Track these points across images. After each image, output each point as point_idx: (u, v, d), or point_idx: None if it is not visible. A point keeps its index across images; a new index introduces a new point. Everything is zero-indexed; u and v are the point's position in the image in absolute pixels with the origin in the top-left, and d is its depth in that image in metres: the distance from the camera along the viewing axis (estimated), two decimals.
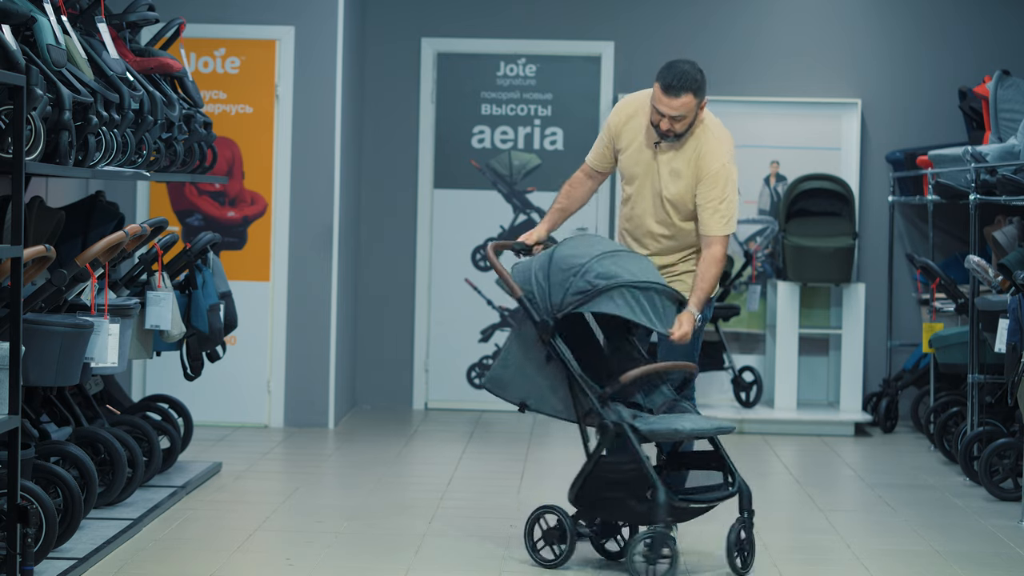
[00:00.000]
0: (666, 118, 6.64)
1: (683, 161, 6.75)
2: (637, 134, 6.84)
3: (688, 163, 6.74)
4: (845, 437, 10.47)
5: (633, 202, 6.88)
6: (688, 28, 11.31)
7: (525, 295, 6.43)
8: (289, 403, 10.28)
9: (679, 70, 6.64)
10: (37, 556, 5.91)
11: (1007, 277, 8.14)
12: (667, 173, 6.76)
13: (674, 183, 6.76)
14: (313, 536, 7.06)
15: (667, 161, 6.77)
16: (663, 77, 6.64)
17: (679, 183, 6.75)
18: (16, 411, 5.60)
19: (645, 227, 6.86)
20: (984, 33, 11.25)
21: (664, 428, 6.28)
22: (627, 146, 6.86)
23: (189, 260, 7.83)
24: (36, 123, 6.00)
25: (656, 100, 6.65)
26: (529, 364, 6.48)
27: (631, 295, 6.31)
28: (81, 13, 7.20)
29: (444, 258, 11.42)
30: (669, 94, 6.60)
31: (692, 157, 6.74)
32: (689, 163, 6.74)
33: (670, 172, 6.76)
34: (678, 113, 6.62)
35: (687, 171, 6.74)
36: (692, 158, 6.74)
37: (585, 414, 6.39)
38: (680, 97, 6.60)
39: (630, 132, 6.86)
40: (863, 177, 11.28)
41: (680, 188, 6.75)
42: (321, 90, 10.26)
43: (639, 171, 6.83)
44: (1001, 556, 7.00)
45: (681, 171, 6.75)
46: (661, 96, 6.62)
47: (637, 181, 6.85)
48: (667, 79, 6.63)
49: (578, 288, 6.32)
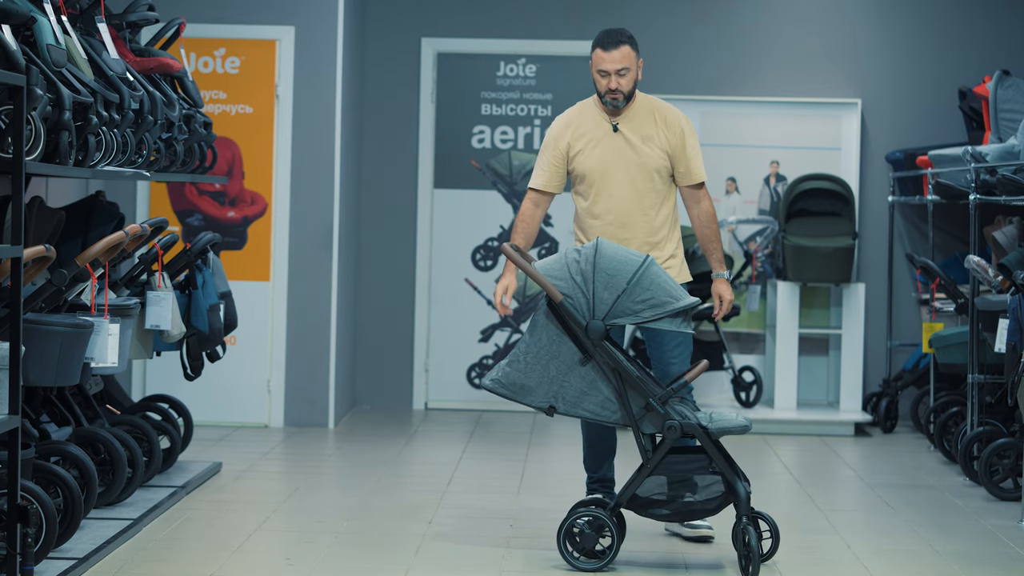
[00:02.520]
0: (612, 76, 7.03)
1: (648, 125, 7.13)
2: (585, 132, 7.18)
3: (654, 126, 7.12)
4: (845, 437, 10.47)
5: (608, 193, 7.11)
6: (688, 28, 11.31)
7: (565, 299, 6.43)
8: (289, 403, 10.29)
9: (612, 29, 7.16)
10: (37, 556, 5.91)
11: (1007, 277, 8.14)
12: (639, 141, 7.10)
13: (647, 147, 7.11)
14: (313, 536, 7.06)
15: (632, 132, 7.12)
16: (599, 39, 7.11)
17: (652, 146, 7.12)
18: (16, 411, 5.60)
19: (627, 212, 7.10)
20: (984, 33, 11.25)
21: (729, 424, 6.39)
22: (582, 146, 7.16)
23: (189, 260, 7.83)
24: (36, 123, 6.00)
25: (598, 63, 7.07)
26: (554, 366, 6.45)
27: None
28: (81, 13, 7.20)
29: (444, 258, 11.42)
30: (608, 48, 7.06)
31: (654, 119, 7.13)
32: (654, 124, 7.12)
33: (641, 139, 7.11)
34: (621, 65, 7.03)
35: (655, 132, 7.11)
36: (655, 119, 7.13)
37: (638, 416, 6.42)
38: (619, 48, 7.05)
39: (580, 134, 7.19)
40: (863, 177, 11.28)
41: (654, 150, 7.11)
42: (321, 90, 10.26)
43: (607, 157, 7.11)
44: (1001, 556, 7.00)
45: (650, 134, 7.12)
46: (603, 55, 7.06)
47: (608, 170, 7.11)
48: (603, 38, 7.10)
49: (644, 298, 6.37)
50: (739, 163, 11.24)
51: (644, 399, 6.39)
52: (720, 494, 6.40)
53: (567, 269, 6.44)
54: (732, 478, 6.37)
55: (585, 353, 6.42)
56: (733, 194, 11.23)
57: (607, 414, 6.44)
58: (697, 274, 9.28)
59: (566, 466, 8.96)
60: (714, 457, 6.38)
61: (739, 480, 6.39)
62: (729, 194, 11.23)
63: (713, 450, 6.38)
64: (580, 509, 6.49)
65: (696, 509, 6.44)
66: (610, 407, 6.43)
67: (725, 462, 6.41)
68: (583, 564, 6.45)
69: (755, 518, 6.44)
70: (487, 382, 6.52)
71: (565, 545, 6.47)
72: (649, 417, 6.41)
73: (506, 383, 6.48)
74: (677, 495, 6.44)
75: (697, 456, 6.43)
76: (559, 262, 6.47)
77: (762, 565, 6.59)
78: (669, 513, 6.46)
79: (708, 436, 6.37)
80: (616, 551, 6.45)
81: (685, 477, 6.44)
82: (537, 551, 6.82)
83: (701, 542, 7.04)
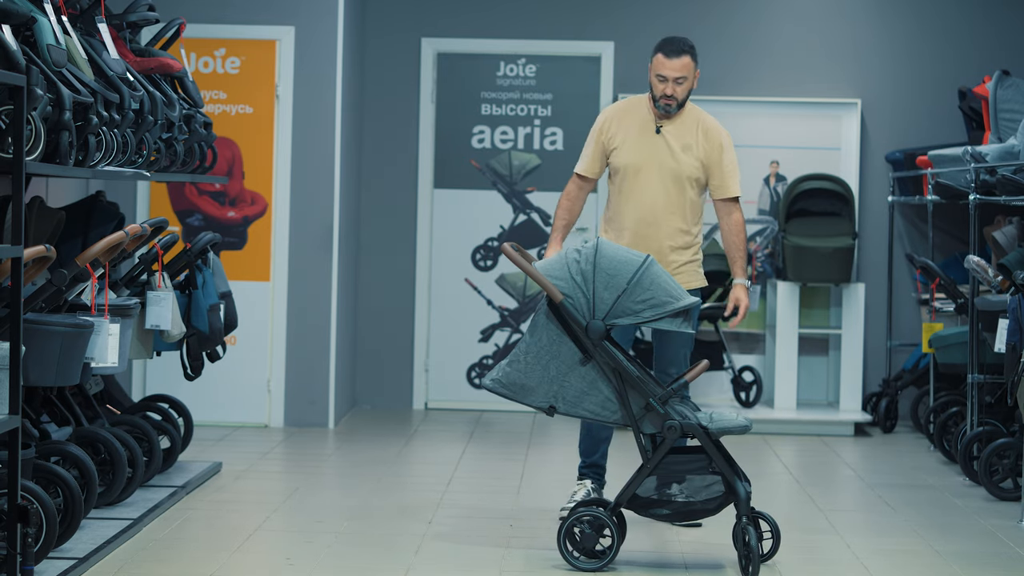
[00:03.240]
0: (669, 82, 7.27)
1: (690, 135, 7.35)
2: (631, 127, 7.40)
3: (695, 135, 7.35)
4: (845, 437, 10.47)
5: (640, 190, 7.31)
6: (688, 28, 11.29)
7: (565, 299, 6.43)
8: (289, 403, 10.29)
9: (676, 37, 7.39)
10: (37, 556, 5.91)
11: (1007, 277, 8.15)
12: (679, 148, 7.34)
13: (686, 155, 7.35)
14: (313, 536, 7.06)
15: (675, 138, 7.33)
16: (662, 45, 7.33)
17: (690, 155, 7.35)
18: (16, 411, 5.60)
19: (654, 212, 7.29)
20: (984, 33, 11.25)
21: (729, 424, 6.40)
22: (623, 141, 7.35)
23: (189, 260, 7.83)
24: (36, 123, 6.00)
25: (658, 67, 7.29)
26: (555, 366, 6.46)
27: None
28: (81, 13, 7.20)
29: (444, 258, 11.42)
30: (671, 56, 7.27)
31: (697, 130, 7.35)
32: (696, 135, 7.35)
33: (682, 147, 7.34)
34: (680, 74, 7.27)
35: (696, 143, 7.34)
36: (697, 130, 7.35)
37: (638, 416, 6.42)
38: (681, 58, 7.28)
39: (623, 128, 7.37)
40: (863, 177, 11.28)
41: (691, 159, 7.34)
42: (321, 90, 10.26)
43: (644, 156, 7.32)
44: (1001, 556, 7.00)
45: (690, 144, 7.34)
46: (664, 61, 7.28)
47: (643, 169, 7.31)
48: (666, 45, 7.32)
49: (644, 298, 6.37)
50: (739, 163, 11.20)
51: (644, 399, 6.40)
52: (720, 494, 6.40)
53: (567, 269, 6.44)
54: (732, 478, 6.37)
55: (585, 353, 6.42)
56: None
57: (607, 414, 6.45)
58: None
59: (566, 466, 8.96)
60: (714, 457, 6.39)
61: (739, 480, 6.39)
62: None
63: (713, 450, 6.38)
64: (580, 509, 6.49)
65: (696, 509, 6.44)
66: (610, 407, 6.44)
67: (725, 462, 6.41)
68: (583, 564, 6.46)
69: (755, 518, 6.45)
70: (487, 382, 6.53)
71: (565, 545, 6.47)
72: (649, 417, 6.42)
73: (506, 383, 6.49)
74: (671, 494, 6.43)
75: (697, 456, 6.44)
76: (559, 262, 6.47)
77: (762, 565, 6.59)
78: (669, 513, 6.46)
79: (708, 436, 6.38)
80: (616, 551, 6.46)
81: (677, 477, 6.45)
82: (537, 551, 6.82)
83: (692, 526, 7.16)
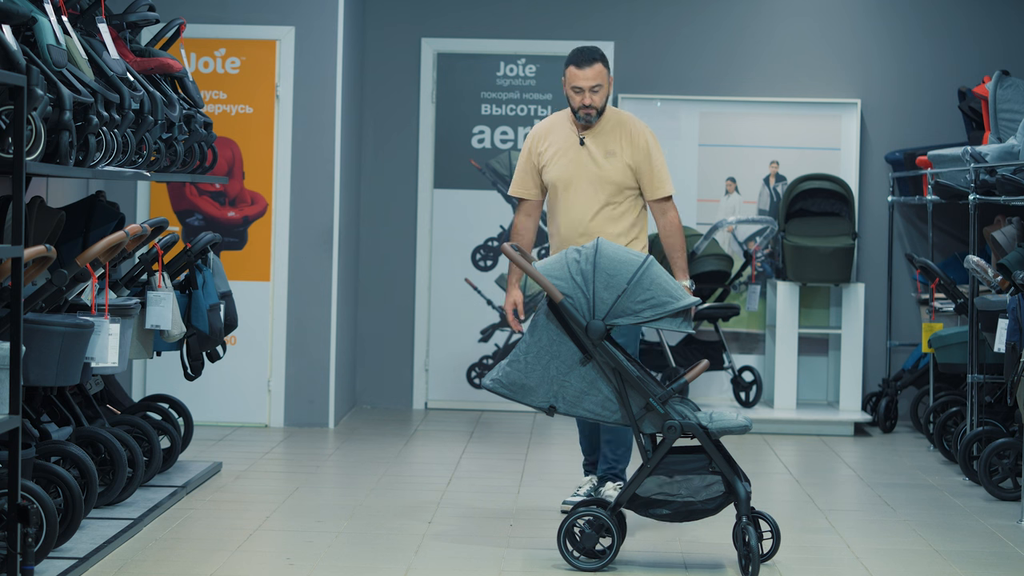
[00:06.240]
0: (585, 92, 7.42)
1: (613, 141, 7.51)
2: (556, 143, 7.60)
3: (619, 141, 7.50)
4: (845, 437, 10.48)
5: (570, 203, 7.51)
6: (688, 28, 11.31)
7: (565, 299, 6.44)
8: (289, 403, 10.29)
9: (585, 47, 7.52)
10: (37, 556, 5.91)
11: (1006, 277, 8.15)
12: (602, 156, 7.50)
13: (610, 162, 7.50)
14: (313, 536, 7.06)
15: (598, 147, 7.51)
16: (572, 57, 7.49)
17: (615, 160, 7.50)
18: (16, 411, 5.60)
19: (584, 223, 7.46)
20: (984, 33, 11.25)
21: (729, 424, 6.42)
22: (550, 157, 7.57)
23: (189, 260, 7.83)
24: (36, 123, 6.01)
25: (572, 79, 7.44)
26: (555, 365, 6.46)
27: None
28: (81, 13, 7.20)
29: (444, 258, 11.42)
30: (583, 66, 7.43)
31: (622, 135, 7.51)
32: (620, 141, 7.50)
33: (605, 154, 7.50)
34: (595, 82, 7.42)
35: (621, 148, 7.50)
36: (622, 136, 7.50)
37: (638, 416, 6.42)
38: (593, 66, 7.43)
39: (551, 145, 7.63)
40: (863, 177, 11.28)
41: (617, 165, 7.49)
42: (321, 90, 10.26)
43: (571, 169, 7.52)
44: (1001, 556, 7.00)
45: (615, 150, 7.50)
46: (576, 72, 7.44)
47: (572, 181, 7.51)
48: (576, 56, 7.47)
49: (644, 299, 6.38)
50: (739, 163, 11.24)
51: (644, 399, 6.40)
52: (720, 494, 6.40)
53: (567, 269, 6.45)
54: (732, 478, 6.37)
55: (585, 353, 6.43)
56: (733, 194, 11.24)
57: (607, 414, 6.45)
58: (695, 275, 9.29)
59: (566, 466, 8.97)
60: (714, 457, 6.39)
61: (739, 480, 6.39)
62: (729, 194, 11.24)
63: (713, 450, 6.39)
64: (580, 509, 6.50)
65: (696, 509, 6.45)
66: (610, 407, 6.44)
67: (725, 462, 6.41)
68: (583, 564, 6.46)
69: (755, 518, 6.45)
70: (488, 382, 6.53)
71: (565, 545, 6.48)
72: (649, 417, 6.42)
73: (507, 383, 6.49)
74: (671, 494, 6.44)
75: (697, 456, 6.44)
76: (559, 262, 6.48)
77: (762, 565, 6.60)
78: (669, 513, 6.46)
79: (708, 436, 6.38)
80: (616, 551, 6.46)
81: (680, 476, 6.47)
82: (537, 551, 6.83)
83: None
